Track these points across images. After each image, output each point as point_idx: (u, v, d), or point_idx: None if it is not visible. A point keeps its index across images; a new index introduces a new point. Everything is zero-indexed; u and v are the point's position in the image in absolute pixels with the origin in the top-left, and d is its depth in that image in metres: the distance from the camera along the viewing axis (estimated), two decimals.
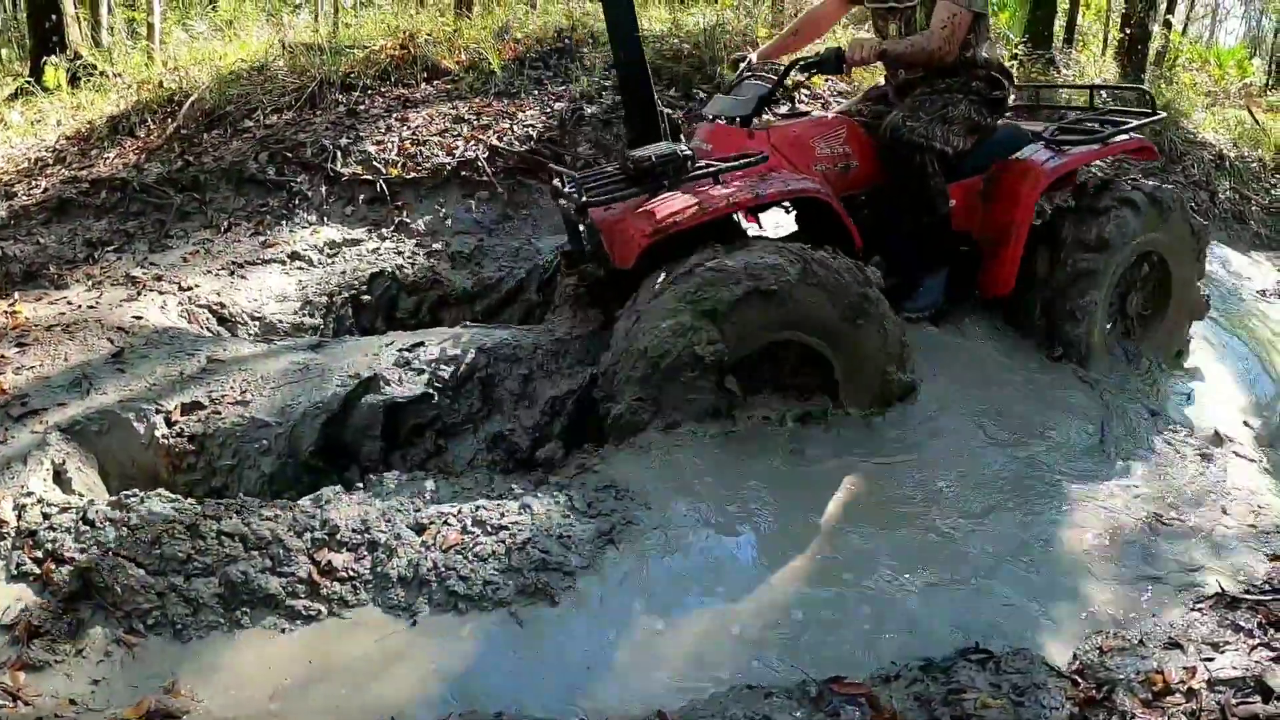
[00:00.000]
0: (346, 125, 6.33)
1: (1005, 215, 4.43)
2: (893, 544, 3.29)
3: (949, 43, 4.20)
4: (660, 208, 3.69)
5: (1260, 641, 2.89)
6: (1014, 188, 4.42)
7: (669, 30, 7.56)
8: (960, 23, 4.19)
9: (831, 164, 4.27)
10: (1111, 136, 4.61)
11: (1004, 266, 4.47)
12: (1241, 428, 4.62)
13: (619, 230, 3.81)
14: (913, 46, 4.19)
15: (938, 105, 4.31)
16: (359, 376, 3.76)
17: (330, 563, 2.95)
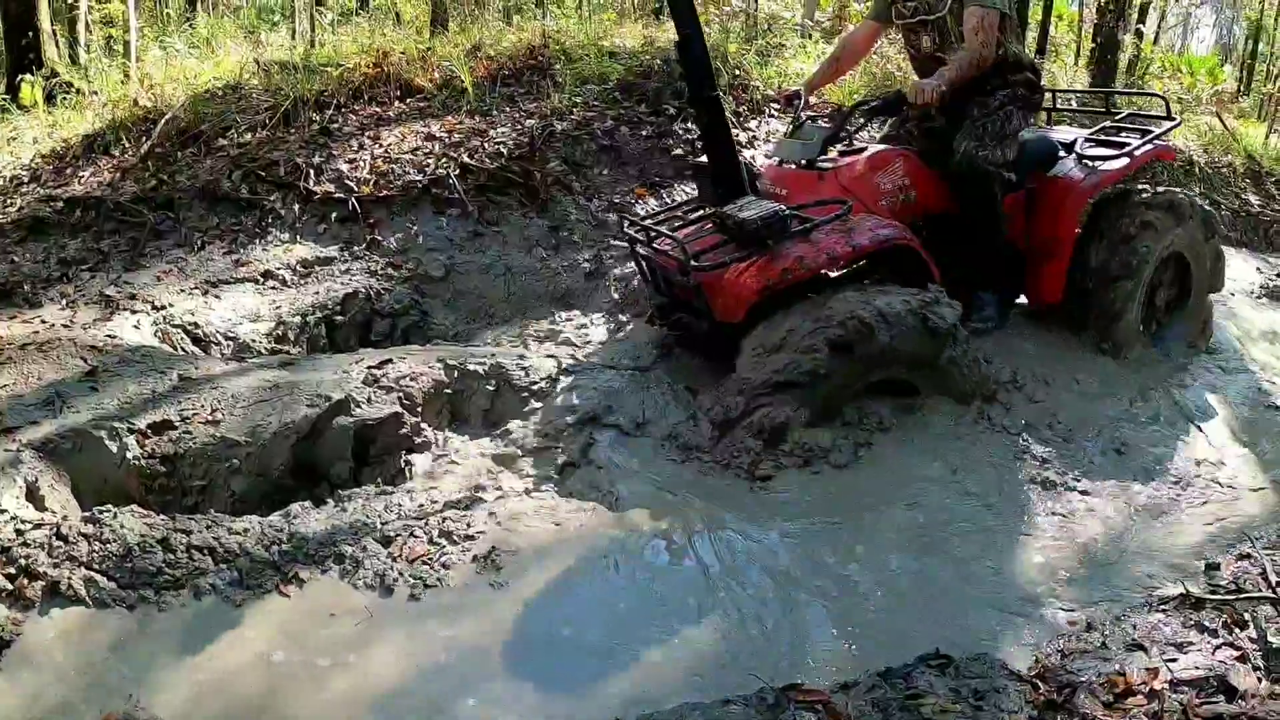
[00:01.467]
0: (320, 144, 6.36)
1: (1050, 231, 4.80)
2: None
3: (986, 45, 4.37)
4: (767, 266, 4.00)
5: (1224, 641, 2.89)
6: (1057, 206, 4.79)
7: (640, 47, 7.63)
8: (990, 24, 4.36)
9: (894, 196, 4.50)
10: (1139, 148, 4.96)
11: (1053, 278, 4.85)
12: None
13: (727, 287, 4.08)
14: (960, 67, 4.35)
15: (996, 124, 4.54)
16: (329, 398, 3.80)
17: (297, 574, 3.01)
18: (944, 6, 4.53)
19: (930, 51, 4.72)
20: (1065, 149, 5.00)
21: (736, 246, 4.11)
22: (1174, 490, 4.07)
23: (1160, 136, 5.16)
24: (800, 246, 4.05)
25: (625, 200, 6.22)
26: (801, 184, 4.42)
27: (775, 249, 4.03)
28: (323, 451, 3.75)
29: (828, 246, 4.05)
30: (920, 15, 4.66)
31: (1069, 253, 4.84)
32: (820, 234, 4.09)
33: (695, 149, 6.56)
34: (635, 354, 4.70)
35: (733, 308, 4.09)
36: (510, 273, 5.59)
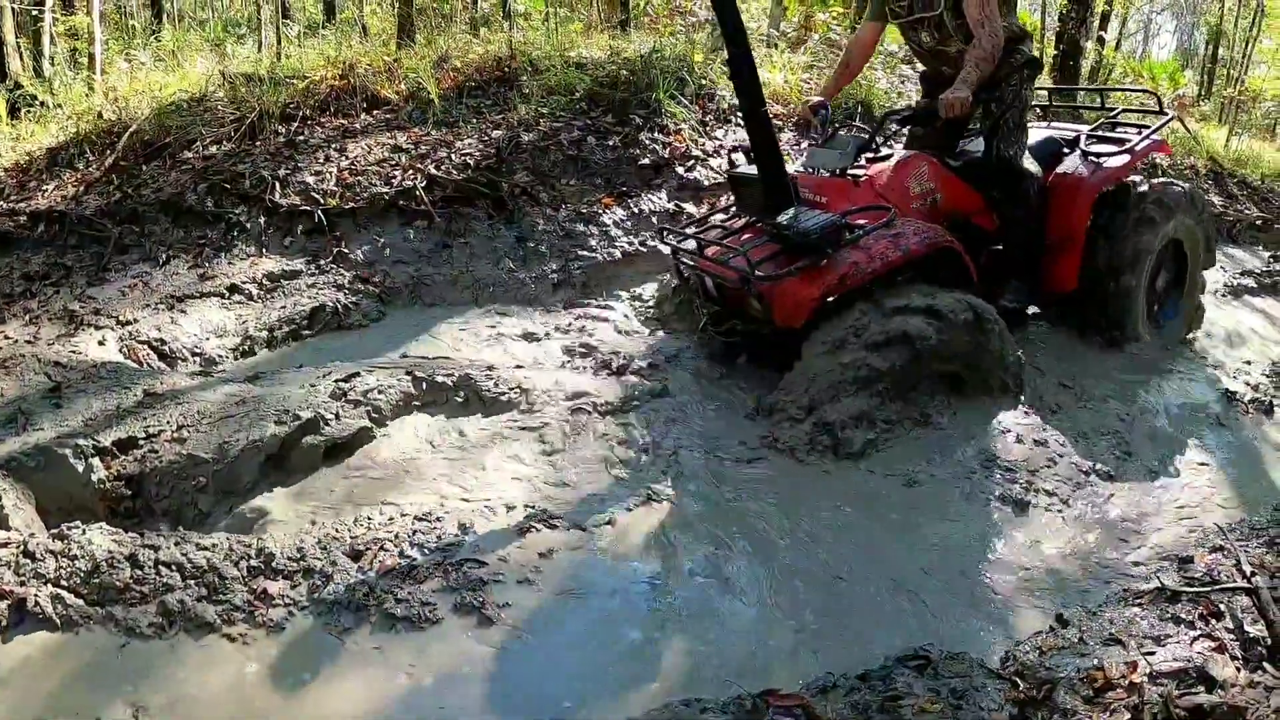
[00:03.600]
0: (285, 156, 6.35)
1: (1063, 225, 5.12)
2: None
3: (994, 34, 4.54)
4: (826, 273, 4.22)
5: (1202, 633, 2.91)
6: (1069, 202, 5.13)
7: (606, 58, 7.66)
8: (991, 11, 4.52)
9: (923, 200, 4.75)
10: (1138, 144, 5.34)
11: (1067, 268, 5.17)
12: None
13: (788, 294, 4.29)
14: (979, 66, 4.52)
15: (1016, 114, 4.86)
16: (298, 416, 3.78)
17: (266, 590, 3.01)
18: (939, 3, 4.67)
19: (932, 46, 4.91)
20: (1069, 146, 5.35)
21: (791, 254, 4.28)
22: (1149, 486, 4.17)
23: (1156, 132, 5.52)
24: (855, 253, 4.26)
25: (593, 211, 6.25)
26: (839, 191, 4.58)
27: (832, 256, 4.22)
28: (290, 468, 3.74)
29: (880, 252, 4.27)
30: (917, 13, 4.79)
31: (1081, 244, 5.15)
32: (871, 240, 4.30)
33: (663, 159, 6.63)
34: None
35: (794, 313, 4.30)
36: (478, 284, 5.60)
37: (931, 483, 3.94)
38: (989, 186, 4.96)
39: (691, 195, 6.61)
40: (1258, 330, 6.81)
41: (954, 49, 4.79)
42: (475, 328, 5.14)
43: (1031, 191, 4.95)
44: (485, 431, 4.08)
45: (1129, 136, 5.48)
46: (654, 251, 6.08)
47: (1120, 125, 5.75)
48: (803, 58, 9.09)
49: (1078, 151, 5.31)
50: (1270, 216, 9.97)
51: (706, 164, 6.85)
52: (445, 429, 4.07)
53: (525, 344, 5.04)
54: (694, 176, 6.72)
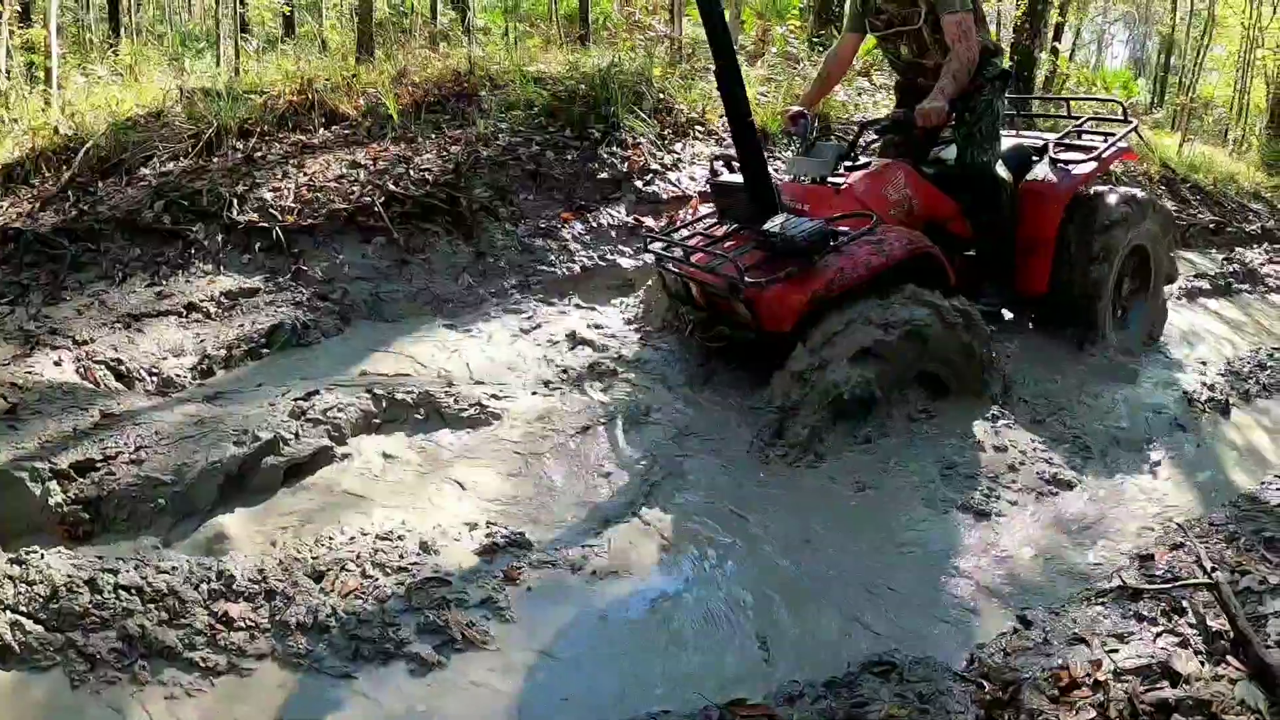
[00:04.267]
0: (243, 172, 6.28)
1: (1034, 230, 5.32)
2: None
3: (970, 49, 4.76)
4: (813, 278, 4.33)
5: (1164, 629, 3.01)
6: (1039, 208, 5.34)
7: (565, 72, 7.67)
8: (968, 27, 4.74)
9: (900, 206, 4.91)
10: (1104, 152, 5.63)
11: (1038, 272, 5.39)
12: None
13: (777, 299, 4.37)
14: (955, 79, 4.74)
15: (987, 122, 5.05)
16: (258, 437, 3.75)
17: (227, 613, 2.99)
18: (918, 18, 4.88)
19: (910, 59, 5.14)
20: (1038, 154, 5.56)
21: (778, 261, 4.37)
22: (1111, 487, 4.25)
23: (1121, 139, 5.83)
24: (840, 259, 4.39)
25: (552, 225, 6.25)
26: (821, 199, 4.72)
27: (819, 262, 4.34)
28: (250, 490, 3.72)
29: (864, 258, 4.41)
30: (895, 27, 5.01)
31: (1051, 249, 5.36)
32: (855, 246, 4.43)
33: (622, 173, 6.64)
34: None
35: (782, 318, 4.39)
36: (437, 300, 5.58)
37: (894, 489, 4.00)
38: (963, 193, 5.13)
39: (650, 209, 6.62)
40: (1213, 331, 6.97)
41: (930, 62, 5.00)
42: (435, 344, 5.12)
43: (1003, 198, 5.13)
44: (447, 449, 4.08)
45: (1095, 144, 5.76)
46: (613, 265, 6.11)
47: (1086, 133, 6.03)
48: (760, 71, 9.16)
49: (1046, 159, 5.53)
50: (1222, 220, 10.16)
51: (665, 177, 6.88)
52: (406, 447, 4.07)
53: (485, 360, 5.01)
54: (652, 190, 6.74)
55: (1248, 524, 3.81)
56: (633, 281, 6.08)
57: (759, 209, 4.52)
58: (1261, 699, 2.61)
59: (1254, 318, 7.92)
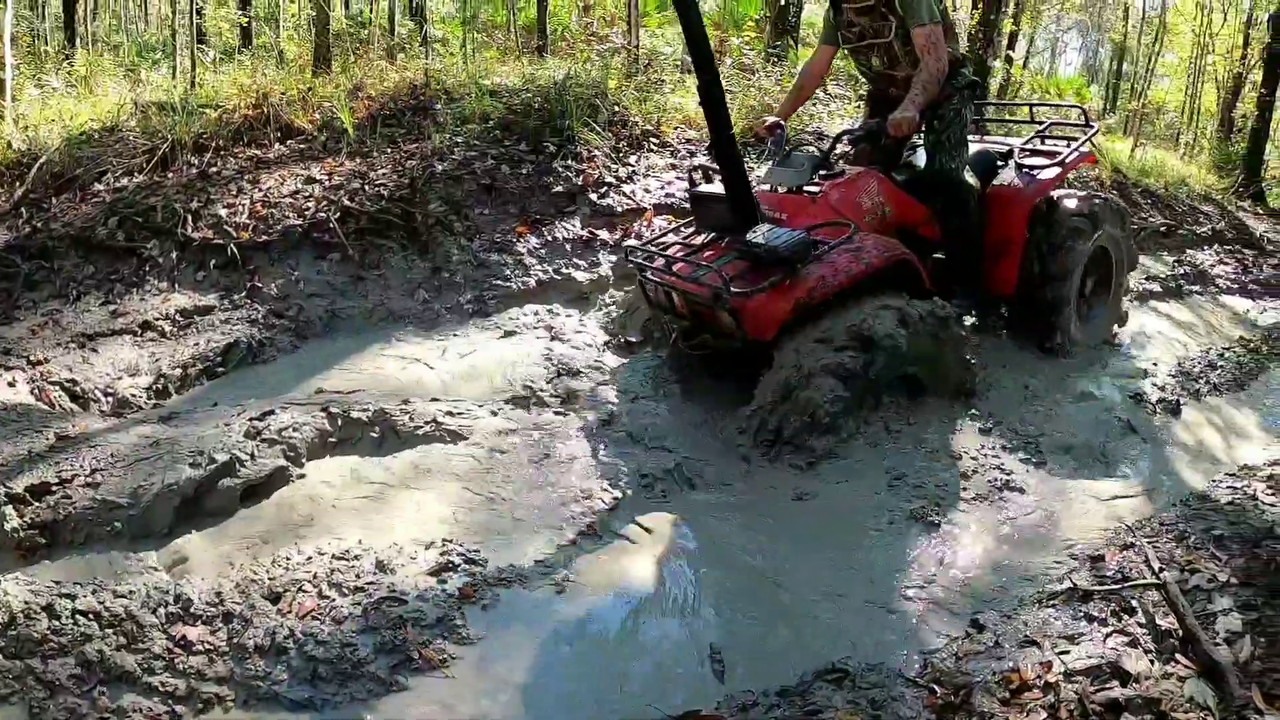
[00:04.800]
0: (198, 188, 6.25)
1: (1002, 234, 5.49)
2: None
3: (940, 60, 4.92)
4: (795, 287, 4.42)
5: (1114, 629, 3.03)
6: (1006, 212, 5.50)
7: (521, 85, 7.69)
8: (937, 38, 4.89)
9: (874, 213, 5.01)
10: (1069, 157, 5.84)
11: (1006, 274, 5.54)
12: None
13: (760, 308, 4.44)
14: (925, 89, 4.89)
15: (956, 131, 5.23)
16: (213, 459, 3.73)
17: (185, 636, 2.98)
18: (889, 31, 5.02)
19: (881, 70, 5.28)
20: (1003, 159, 5.69)
21: (760, 270, 4.48)
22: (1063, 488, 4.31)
23: (1084, 144, 6.04)
24: (821, 268, 4.49)
25: (507, 239, 6.26)
26: (797, 207, 4.82)
27: (801, 271, 4.43)
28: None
29: (844, 266, 4.51)
30: (867, 39, 5.15)
31: (1018, 252, 5.52)
32: (834, 255, 4.54)
33: (576, 186, 6.66)
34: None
35: (765, 326, 4.48)
36: (393, 316, 5.58)
37: (850, 498, 4.05)
38: (932, 199, 5.28)
39: (605, 221, 6.65)
40: (1163, 333, 7.09)
41: (901, 73, 5.14)
42: (391, 361, 5.12)
43: (971, 203, 5.32)
44: (403, 467, 4.08)
45: (1058, 150, 5.97)
46: (568, 279, 6.14)
47: (1048, 139, 6.23)
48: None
49: (1012, 164, 5.71)
50: (1174, 223, 10.30)
51: (619, 190, 6.91)
52: (362, 465, 4.07)
53: (442, 376, 5.01)
54: (607, 203, 6.76)
55: (1198, 522, 3.85)
56: (587, 295, 6.12)
57: (740, 219, 4.62)
58: (1210, 695, 2.63)
59: (1204, 319, 8.07)
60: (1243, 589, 3.19)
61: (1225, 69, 20.42)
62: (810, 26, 15.03)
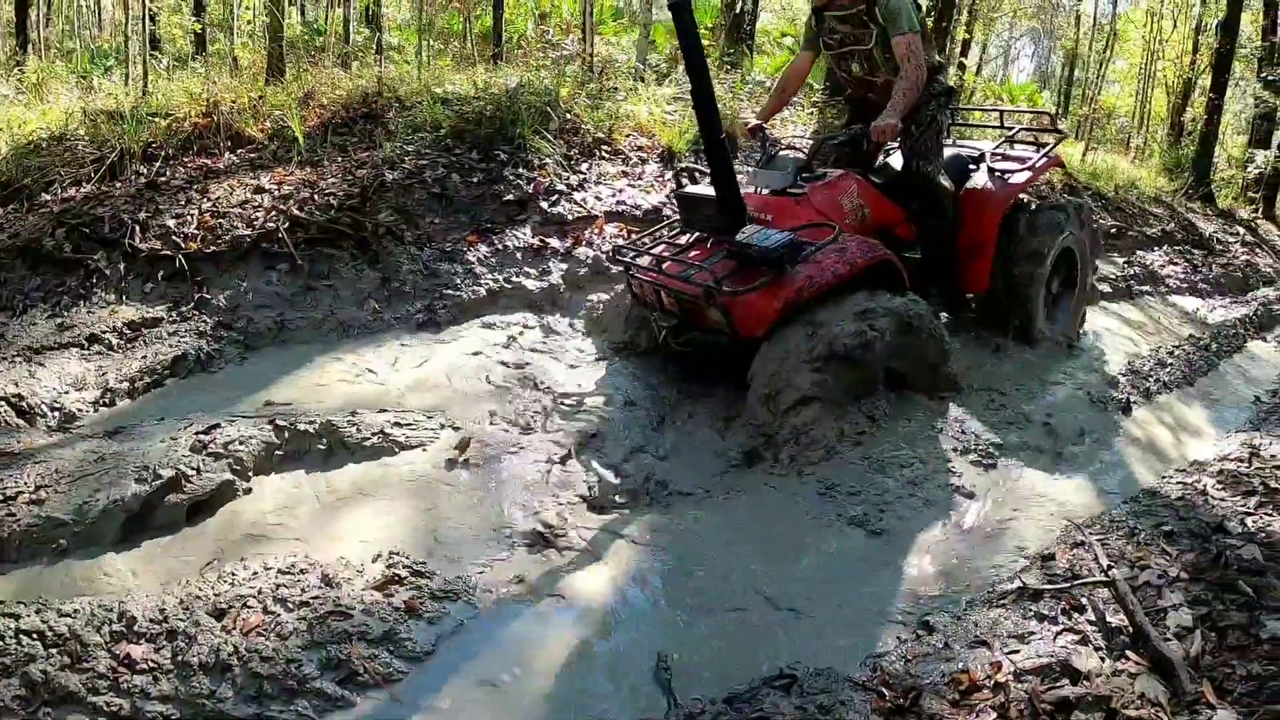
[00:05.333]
0: (146, 198, 6.16)
1: (975, 235, 5.72)
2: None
3: (919, 68, 5.05)
4: (784, 286, 4.54)
5: (1065, 627, 3.05)
6: (979, 213, 5.73)
7: (473, 92, 7.66)
8: (916, 46, 5.04)
9: (854, 215, 5.18)
10: (1038, 161, 6.07)
11: (979, 273, 5.78)
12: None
13: (751, 307, 4.57)
14: (906, 95, 5.02)
15: (931, 135, 5.38)
16: (159, 475, 3.67)
17: (129, 655, 2.93)
18: (869, 39, 5.19)
19: (860, 76, 5.46)
20: (974, 163, 5.98)
21: (750, 269, 4.60)
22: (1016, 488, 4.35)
23: (1052, 149, 6.32)
24: (809, 268, 4.62)
25: (457, 248, 6.23)
26: (782, 209, 4.95)
27: (790, 271, 4.55)
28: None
29: (830, 266, 4.66)
30: (848, 46, 5.32)
31: (991, 252, 5.77)
32: (821, 256, 4.68)
33: (527, 194, 6.65)
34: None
35: (756, 324, 4.62)
36: (342, 327, 5.53)
37: (797, 505, 4.06)
38: (909, 201, 5.47)
39: (556, 230, 6.65)
40: (1114, 331, 7.18)
41: (880, 79, 5.32)
42: (339, 372, 5.07)
43: (947, 205, 5.54)
44: (350, 480, 4.04)
45: (1028, 154, 6.22)
46: (519, 288, 6.12)
47: (1016, 140, 6.47)
48: (668, 90, 9.25)
49: (984, 168, 5.95)
50: (1124, 225, 10.45)
51: (570, 198, 6.91)
52: (309, 479, 4.02)
53: (390, 387, 4.96)
54: (558, 211, 6.76)
55: (1148, 519, 3.90)
56: (539, 303, 6.10)
57: (730, 220, 4.74)
58: (1161, 691, 2.66)
59: (1154, 318, 8.19)
60: (1193, 584, 3.23)
61: (1175, 74, 20.82)
62: (766, 34, 15.11)
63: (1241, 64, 19.74)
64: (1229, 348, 7.48)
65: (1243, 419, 5.84)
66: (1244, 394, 6.47)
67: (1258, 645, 2.82)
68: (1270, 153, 18.91)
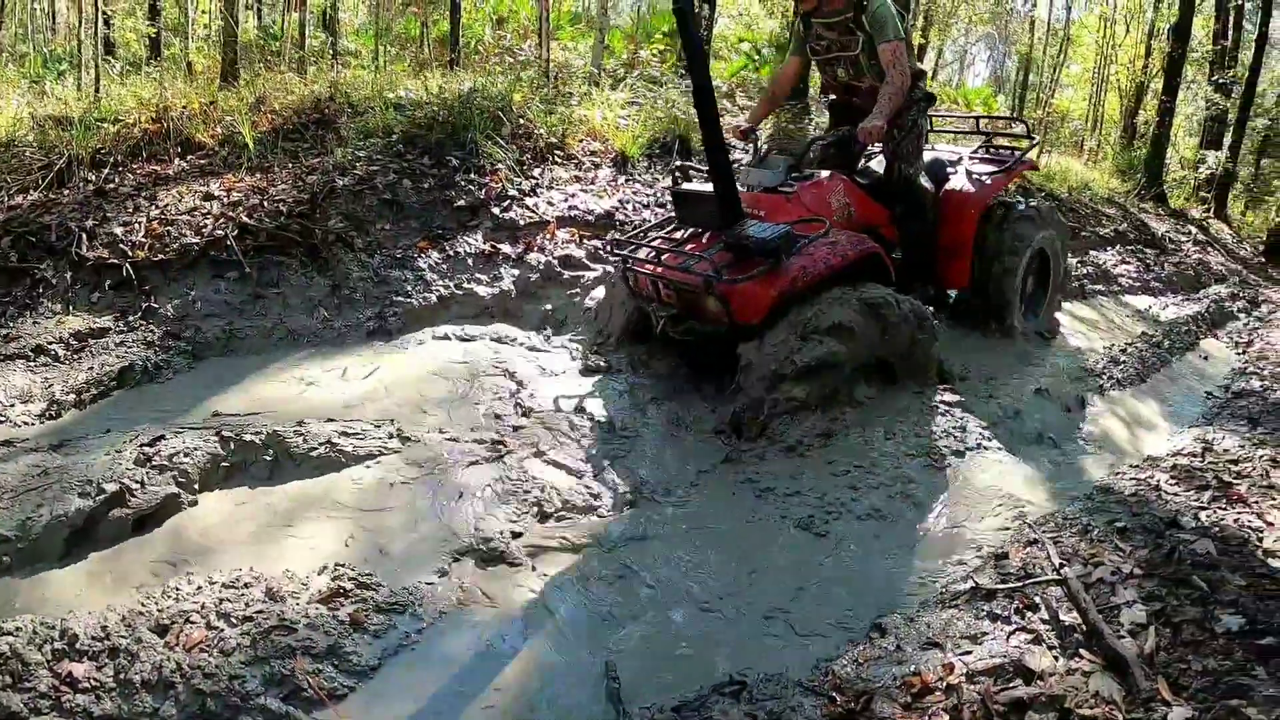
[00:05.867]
0: (94, 206, 6.08)
1: (955, 234, 6.02)
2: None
3: (903, 74, 5.29)
4: (779, 276, 4.76)
5: (1018, 626, 3.04)
6: (959, 213, 6.03)
7: (425, 98, 7.61)
8: (901, 54, 5.27)
9: (842, 213, 5.39)
10: (1014, 165, 6.42)
11: (959, 270, 6.08)
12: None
13: (748, 295, 4.77)
14: (891, 100, 5.23)
15: (912, 139, 5.61)
16: (103, 489, 3.60)
17: (71, 674, 2.87)
18: (856, 45, 5.40)
19: (846, 81, 5.66)
20: (953, 166, 6.30)
21: (746, 261, 4.81)
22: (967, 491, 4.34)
23: (1026, 154, 6.63)
24: (802, 259, 4.84)
25: (408, 255, 6.19)
26: (774, 205, 5.18)
27: (785, 262, 4.76)
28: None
29: (823, 258, 4.89)
30: (835, 52, 5.53)
31: (970, 250, 6.05)
32: (814, 248, 4.90)
33: (479, 200, 6.62)
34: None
35: (753, 311, 4.81)
36: (292, 335, 5.47)
37: (742, 509, 4.06)
38: (891, 202, 5.69)
39: (507, 235, 6.62)
40: (1068, 330, 7.23)
41: (865, 84, 5.53)
42: (288, 381, 5.00)
43: (928, 206, 5.80)
44: (297, 491, 3.98)
45: (1003, 158, 6.53)
46: (470, 294, 6.08)
47: (991, 145, 6.81)
48: (622, 95, 9.24)
49: (963, 171, 6.25)
50: (1077, 225, 10.56)
51: (522, 203, 6.88)
52: (255, 490, 3.96)
53: (339, 396, 4.89)
54: (510, 217, 6.74)
55: (1101, 515, 3.91)
56: (491, 309, 6.07)
57: (728, 215, 4.91)
58: (1116, 689, 2.66)
59: (1107, 316, 8.26)
60: (1146, 580, 3.24)
61: (1128, 78, 21.11)
62: (723, 40, 15.16)
63: (1193, 67, 20.07)
64: (1182, 345, 7.56)
65: (1196, 414, 5.89)
66: (1197, 390, 6.53)
67: (1213, 640, 2.83)
68: (1221, 154, 19.26)
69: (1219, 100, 19.37)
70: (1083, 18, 24.11)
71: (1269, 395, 6.17)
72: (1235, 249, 15.97)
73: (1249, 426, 5.44)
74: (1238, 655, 2.74)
